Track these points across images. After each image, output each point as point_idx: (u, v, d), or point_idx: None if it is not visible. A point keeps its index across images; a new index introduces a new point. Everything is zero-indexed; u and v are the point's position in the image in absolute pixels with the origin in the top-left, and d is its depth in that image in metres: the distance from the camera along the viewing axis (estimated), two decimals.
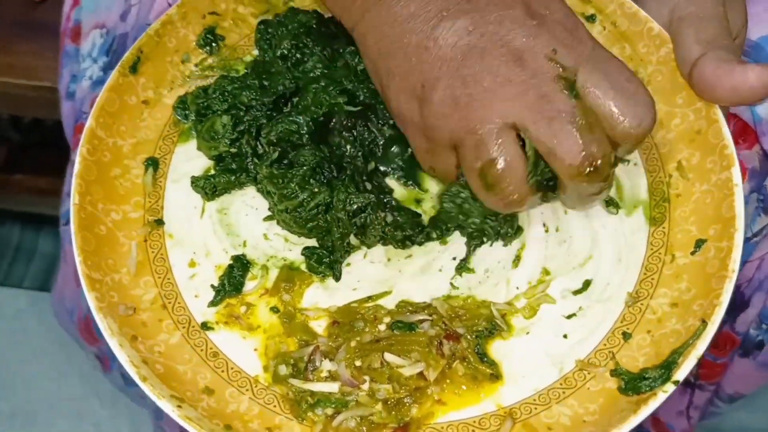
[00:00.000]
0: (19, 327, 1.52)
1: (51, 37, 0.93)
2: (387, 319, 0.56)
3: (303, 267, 0.59)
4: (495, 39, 0.51)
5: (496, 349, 0.56)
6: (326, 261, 0.59)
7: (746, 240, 0.76)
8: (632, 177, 0.62)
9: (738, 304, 0.78)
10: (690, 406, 0.93)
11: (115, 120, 0.62)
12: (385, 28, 0.54)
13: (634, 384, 0.51)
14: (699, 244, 0.56)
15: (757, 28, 0.70)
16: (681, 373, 0.50)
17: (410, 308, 0.57)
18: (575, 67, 0.51)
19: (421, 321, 0.55)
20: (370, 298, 0.58)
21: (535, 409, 0.52)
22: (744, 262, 0.78)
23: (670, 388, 0.49)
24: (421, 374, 0.53)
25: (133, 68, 0.64)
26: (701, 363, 0.88)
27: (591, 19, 0.66)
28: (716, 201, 0.57)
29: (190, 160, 0.64)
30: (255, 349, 0.56)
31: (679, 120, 0.62)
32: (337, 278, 0.58)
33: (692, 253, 0.56)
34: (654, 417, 1.00)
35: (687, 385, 0.94)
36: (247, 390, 0.53)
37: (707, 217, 0.57)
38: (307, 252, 0.59)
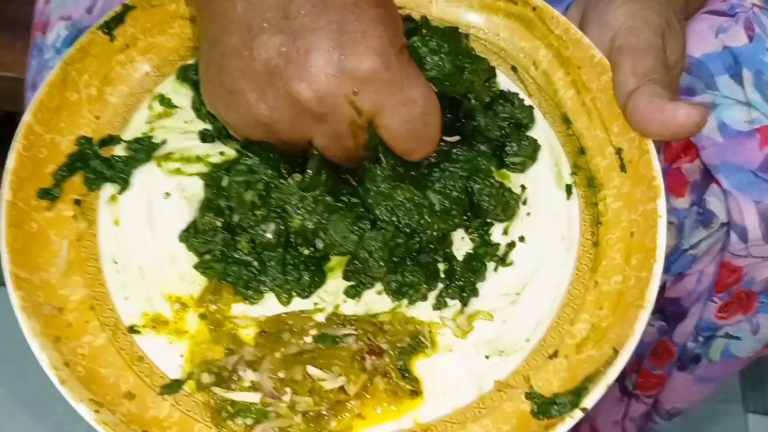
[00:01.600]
0: None
1: (23, 31, 0.93)
2: (314, 332, 0.57)
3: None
4: (297, 66, 0.51)
5: (421, 365, 0.57)
6: (254, 284, 0.59)
7: (683, 251, 0.78)
8: (565, 201, 0.64)
9: (677, 315, 0.81)
10: (626, 416, 0.95)
11: (54, 116, 0.61)
12: (214, 17, 0.54)
13: (545, 408, 0.52)
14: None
15: (699, 46, 0.72)
16: (590, 401, 0.51)
17: (338, 321, 0.58)
18: (374, 111, 0.53)
19: (347, 335, 0.56)
20: (302, 312, 0.59)
21: (451, 427, 0.54)
22: (682, 275, 0.81)
23: (577, 414, 0.51)
24: (342, 388, 0.54)
25: (77, 63, 0.63)
26: (640, 372, 0.91)
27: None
28: (641, 231, 0.59)
29: None
30: (181, 355, 0.56)
31: (613, 149, 0.63)
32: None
33: (595, 285, 0.58)
34: (591, 425, 1.03)
35: (624, 393, 0.96)
36: (168, 396, 0.54)
37: (632, 245, 0.59)
38: (233, 278, 0.59)
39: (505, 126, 0.65)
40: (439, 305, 0.59)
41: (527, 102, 0.67)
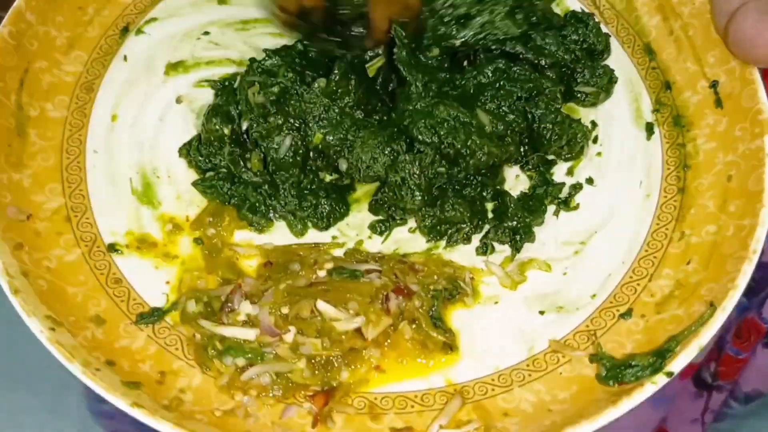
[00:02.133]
0: None
1: None
2: (329, 266, 0.46)
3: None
4: None
5: (458, 317, 0.46)
6: (262, 209, 0.49)
7: None
8: (644, 142, 0.52)
9: (763, 283, 0.68)
10: (706, 411, 0.82)
11: (51, 7, 0.53)
12: None
13: (616, 372, 0.41)
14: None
15: None
16: (677, 364, 0.40)
17: (359, 256, 0.48)
18: None
19: (369, 271, 0.46)
20: (317, 245, 0.49)
21: (493, 390, 0.43)
22: None
23: (661, 379, 0.39)
24: (358, 331, 0.43)
25: None
26: (721, 360, 0.78)
27: None
28: (742, 173, 0.47)
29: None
30: (167, 282, 0.46)
31: (707, 82, 0.52)
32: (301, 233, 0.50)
33: (680, 239, 0.47)
34: (660, 428, 0.89)
35: (703, 387, 0.83)
36: (146, 326, 0.44)
37: (729, 190, 0.47)
38: (238, 201, 0.49)
39: (576, 50, 0.54)
40: (485, 249, 0.49)
41: (603, 29, 0.56)
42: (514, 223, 0.49)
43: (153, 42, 0.56)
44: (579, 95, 0.54)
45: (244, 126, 0.49)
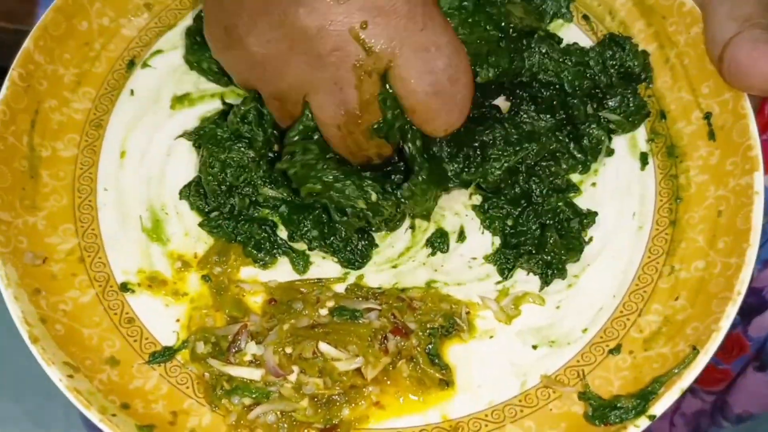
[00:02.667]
0: None
1: None
2: (331, 303, 0.48)
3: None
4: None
5: (454, 352, 0.48)
6: (267, 247, 0.51)
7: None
8: (638, 172, 0.54)
9: (755, 307, 0.70)
10: (677, 411, 0.84)
11: (58, 45, 0.55)
12: None
13: (602, 412, 0.43)
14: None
15: None
16: (659, 407, 0.42)
17: (359, 293, 0.50)
18: (388, 53, 0.43)
19: (369, 310, 0.48)
20: (319, 280, 0.51)
21: (486, 426, 0.45)
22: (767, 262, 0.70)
23: (643, 423, 0.41)
24: (358, 371, 0.46)
25: None
26: None
27: None
28: (731, 209, 0.49)
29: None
30: (177, 320, 0.49)
31: (701, 112, 0.53)
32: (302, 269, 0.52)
33: (669, 274, 0.49)
34: None
35: None
36: (158, 365, 0.46)
37: (718, 226, 0.49)
38: (243, 238, 0.51)
39: (613, 74, 0.54)
40: (505, 274, 0.51)
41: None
42: (550, 257, 0.50)
43: (159, 75, 0.57)
44: (603, 121, 0.54)
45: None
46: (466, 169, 0.50)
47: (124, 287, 0.49)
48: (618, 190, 0.53)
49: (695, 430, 0.89)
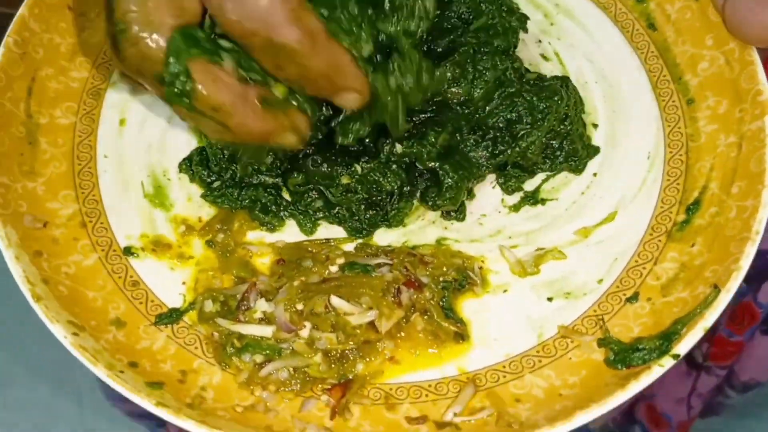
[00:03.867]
0: None
1: None
2: (341, 261, 0.47)
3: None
4: None
5: (469, 306, 0.47)
6: (273, 209, 0.50)
7: None
8: (646, 126, 0.53)
9: (763, 270, 0.69)
10: (693, 392, 0.83)
11: (53, 14, 0.54)
12: None
13: (624, 355, 0.42)
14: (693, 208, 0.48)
15: None
16: (683, 346, 0.41)
17: (369, 250, 0.49)
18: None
19: (380, 265, 0.47)
20: (327, 240, 0.50)
21: (504, 377, 0.44)
22: None
23: (667, 362, 0.40)
24: (372, 325, 0.44)
25: None
26: (714, 340, 0.79)
27: None
28: (744, 154, 0.48)
29: None
30: (183, 283, 0.47)
31: (708, 64, 0.53)
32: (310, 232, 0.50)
33: (685, 220, 0.48)
34: (649, 404, 0.91)
35: (692, 366, 0.84)
36: (165, 327, 0.45)
37: (731, 172, 0.48)
38: (249, 202, 0.50)
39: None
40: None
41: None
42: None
43: None
44: None
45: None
46: (498, 153, 0.49)
47: (128, 251, 0.48)
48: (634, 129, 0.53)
49: (708, 406, 0.88)
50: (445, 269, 0.47)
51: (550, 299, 0.47)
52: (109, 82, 0.55)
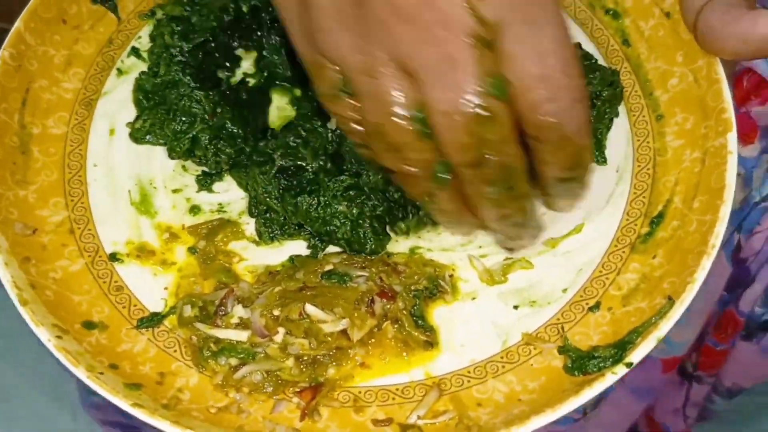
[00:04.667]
0: None
1: None
2: (329, 267, 0.49)
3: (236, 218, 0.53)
4: None
5: (438, 313, 0.49)
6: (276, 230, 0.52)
7: (755, 204, 0.68)
8: (616, 140, 0.55)
9: (743, 280, 0.70)
10: (687, 402, 0.85)
11: (48, 27, 0.56)
12: None
13: (581, 363, 0.44)
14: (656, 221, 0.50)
15: None
16: (636, 355, 0.43)
17: (348, 261, 0.51)
18: (498, 23, 0.36)
19: (359, 276, 0.49)
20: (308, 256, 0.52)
21: (468, 381, 0.46)
22: (752, 231, 0.70)
23: (621, 370, 0.42)
24: (344, 332, 0.46)
25: None
26: (701, 350, 0.80)
27: None
28: (706, 170, 0.50)
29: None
30: (165, 288, 0.50)
31: (677, 80, 0.54)
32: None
33: (648, 233, 0.50)
34: (648, 417, 0.93)
35: (684, 377, 0.86)
36: (146, 330, 0.47)
37: (694, 186, 0.50)
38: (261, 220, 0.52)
39: None
40: None
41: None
42: None
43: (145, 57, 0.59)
44: None
45: None
46: None
47: (113, 257, 0.50)
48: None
49: (700, 414, 0.89)
50: (416, 278, 0.49)
51: (516, 307, 0.49)
52: (101, 92, 0.57)
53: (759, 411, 1.09)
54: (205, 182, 0.54)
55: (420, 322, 0.48)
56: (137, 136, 0.55)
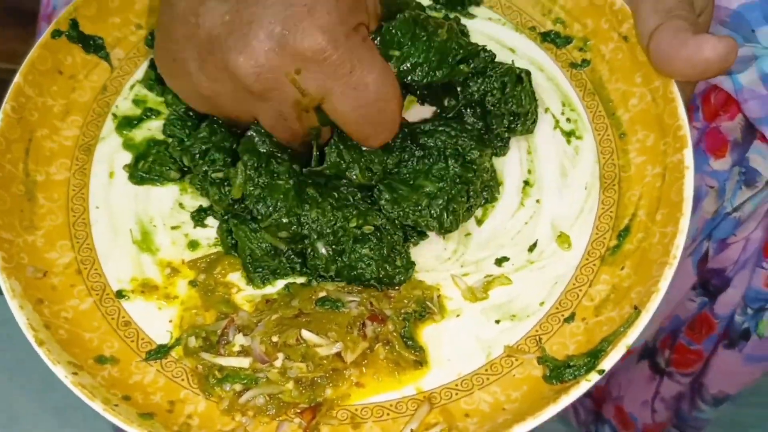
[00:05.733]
0: (4, 334, 1.48)
1: (36, 24, 0.92)
2: (322, 294, 0.53)
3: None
4: (238, 37, 0.47)
5: (425, 331, 0.53)
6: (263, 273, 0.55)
7: (726, 215, 0.72)
8: (584, 159, 0.59)
9: (719, 286, 0.75)
10: (656, 396, 0.88)
11: (46, 79, 0.59)
12: None
13: (558, 372, 0.48)
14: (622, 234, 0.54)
15: None
16: (608, 362, 0.46)
17: (341, 287, 0.54)
18: (321, 93, 0.48)
19: (351, 301, 0.52)
20: (303, 285, 0.55)
21: (456, 394, 0.49)
22: (726, 242, 0.74)
23: (594, 377, 0.46)
24: (339, 355, 0.50)
25: (72, 27, 0.61)
26: (675, 347, 0.84)
27: None
28: (667, 184, 0.54)
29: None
30: (170, 321, 0.53)
31: (637, 100, 0.58)
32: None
33: (616, 245, 0.53)
34: (617, 406, 0.96)
35: (656, 371, 0.89)
36: (154, 362, 0.51)
37: (656, 200, 0.54)
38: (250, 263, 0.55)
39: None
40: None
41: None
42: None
43: (138, 101, 0.62)
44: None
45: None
46: None
47: (120, 294, 0.54)
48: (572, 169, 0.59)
49: (677, 415, 0.93)
50: (406, 301, 0.53)
51: (497, 321, 0.53)
52: (99, 137, 0.60)
53: (760, 423, 1.14)
54: (199, 218, 0.57)
55: (410, 342, 0.52)
56: (135, 176, 0.58)
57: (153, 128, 0.61)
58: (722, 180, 0.71)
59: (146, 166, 0.58)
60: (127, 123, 0.61)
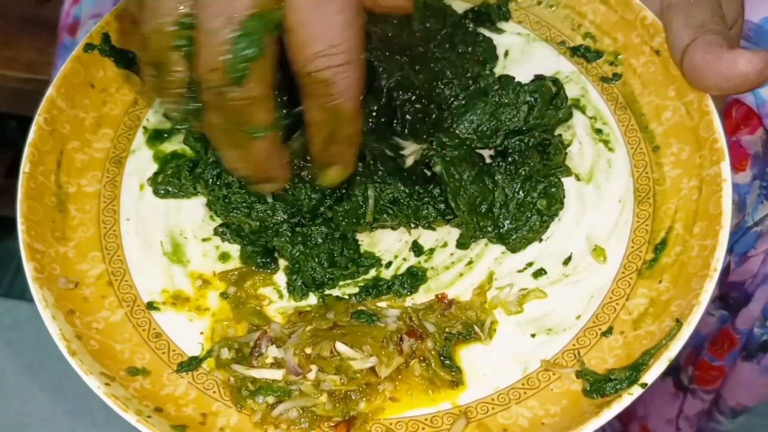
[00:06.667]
0: (16, 338, 1.49)
1: (54, 34, 0.93)
2: (361, 307, 0.52)
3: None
4: None
5: (464, 351, 0.52)
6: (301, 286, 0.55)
7: (747, 229, 0.72)
8: (617, 172, 0.58)
9: (740, 301, 0.73)
10: (680, 414, 0.87)
11: (78, 92, 0.60)
12: None
13: (599, 386, 0.47)
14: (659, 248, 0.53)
15: (759, 9, 0.67)
16: (650, 376, 0.45)
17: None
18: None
19: (387, 315, 0.52)
20: (338, 297, 0.55)
21: (493, 408, 0.48)
22: (747, 255, 0.73)
23: (636, 390, 0.45)
24: (373, 369, 0.49)
25: (104, 41, 0.62)
26: (697, 364, 0.83)
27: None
28: (704, 197, 0.53)
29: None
30: (201, 333, 0.52)
31: (671, 113, 0.58)
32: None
33: (653, 259, 0.53)
34: (642, 425, 0.95)
35: (679, 388, 0.88)
36: (186, 374, 0.50)
37: (693, 213, 0.53)
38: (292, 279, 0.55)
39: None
40: None
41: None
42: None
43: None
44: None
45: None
46: None
47: (150, 306, 0.53)
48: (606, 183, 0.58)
49: (699, 431, 0.92)
50: (453, 322, 0.52)
51: (533, 335, 0.52)
52: (129, 150, 0.61)
53: None
54: (224, 233, 0.57)
55: (447, 361, 0.51)
56: (157, 189, 0.58)
57: None
58: (743, 194, 0.71)
59: (165, 180, 0.58)
60: (157, 136, 0.61)
